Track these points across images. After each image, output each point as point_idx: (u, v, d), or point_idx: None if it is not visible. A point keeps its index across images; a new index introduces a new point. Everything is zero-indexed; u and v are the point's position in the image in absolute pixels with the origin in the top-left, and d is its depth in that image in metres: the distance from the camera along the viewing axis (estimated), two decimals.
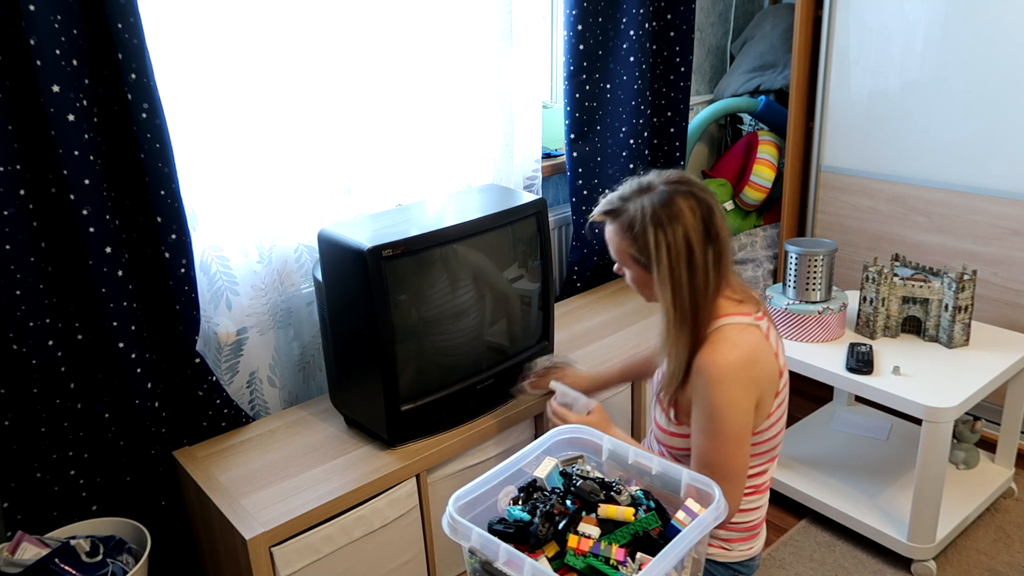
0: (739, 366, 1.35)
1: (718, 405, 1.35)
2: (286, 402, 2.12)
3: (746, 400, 1.36)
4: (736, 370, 1.35)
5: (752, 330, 1.39)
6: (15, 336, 1.62)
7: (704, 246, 1.36)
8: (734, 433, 1.36)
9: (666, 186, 1.39)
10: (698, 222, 1.36)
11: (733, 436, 1.36)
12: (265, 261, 1.96)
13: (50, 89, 1.51)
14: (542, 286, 2.04)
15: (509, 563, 1.30)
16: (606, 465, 1.58)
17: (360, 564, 1.74)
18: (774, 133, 2.97)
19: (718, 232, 1.37)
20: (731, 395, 1.35)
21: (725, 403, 1.35)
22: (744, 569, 1.58)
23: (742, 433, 1.37)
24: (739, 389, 1.35)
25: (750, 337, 1.38)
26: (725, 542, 1.56)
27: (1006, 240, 2.32)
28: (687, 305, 1.38)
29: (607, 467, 1.57)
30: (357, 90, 2.05)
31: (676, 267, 1.36)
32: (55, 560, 1.60)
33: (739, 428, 1.36)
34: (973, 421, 2.23)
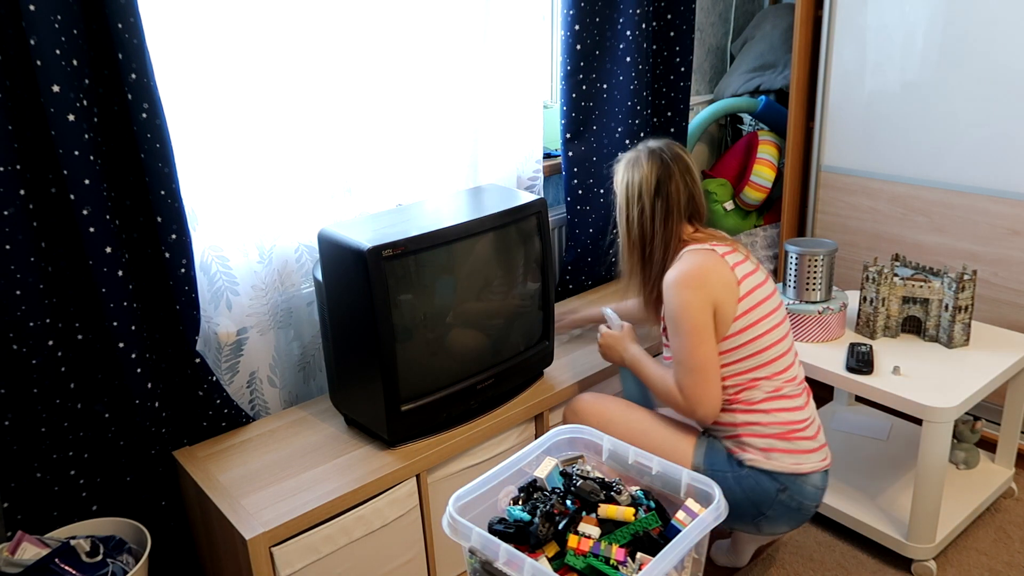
0: (690, 275, 1.67)
1: (675, 307, 1.68)
2: (286, 402, 2.12)
3: (698, 301, 1.66)
4: (687, 278, 1.67)
5: (706, 252, 1.71)
6: (15, 336, 1.62)
7: (652, 198, 1.75)
8: (692, 328, 1.66)
9: (645, 146, 1.80)
10: (653, 178, 1.75)
11: (691, 331, 1.67)
12: (265, 261, 1.96)
13: (50, 89, 1.51)
14: (542, 286, 2.04)
15: (509, 563, 1.30)
16: (606, 464, 1.58)
17: (360, 564, 1.74)
18: (774, 133, 2.97)
19: (668, 192, 1.74)
20: (684, 297, 1.67)
21: (681, 304, 1.67)
22: (793, 485, 1.70)
23: (699, 329, 1.66)
24: (690, 292, 1.66)
25: (701, 257, 1.70)
26: (759, 451, 1.70)
27: (1006, 240, 2.32)
28: (636, 238, 1.80)
29: (607, 466, 1.57)
30: (357, 90, 2.05)
31: (628, 207, 1.79)
32: (55, 560, 1.60)
33: (695, 324, 1.66)
34: (973, 421, 2.23)
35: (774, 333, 1.72)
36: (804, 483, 1.71)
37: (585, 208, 2.59)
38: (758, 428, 1.70)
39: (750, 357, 1.70)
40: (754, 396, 1.71)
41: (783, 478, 1.69)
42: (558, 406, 2.10)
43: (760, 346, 1.70)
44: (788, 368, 1.74)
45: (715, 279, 1.67)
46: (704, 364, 1.67)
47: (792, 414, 1.71)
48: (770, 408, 1.70)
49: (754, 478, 1.70)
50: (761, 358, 1.70)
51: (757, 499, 1.70)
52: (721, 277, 1.67)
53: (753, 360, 1.70)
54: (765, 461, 1.69)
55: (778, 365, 1.72)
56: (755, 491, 1.70)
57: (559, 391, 2.06)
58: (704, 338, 1.67)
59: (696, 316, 1.66)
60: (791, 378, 1.74)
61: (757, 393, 1.71)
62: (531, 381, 2.10)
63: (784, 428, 1.70)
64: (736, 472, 1.71)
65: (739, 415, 1.71)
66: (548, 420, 2.07)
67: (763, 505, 1.70)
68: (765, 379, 1.71)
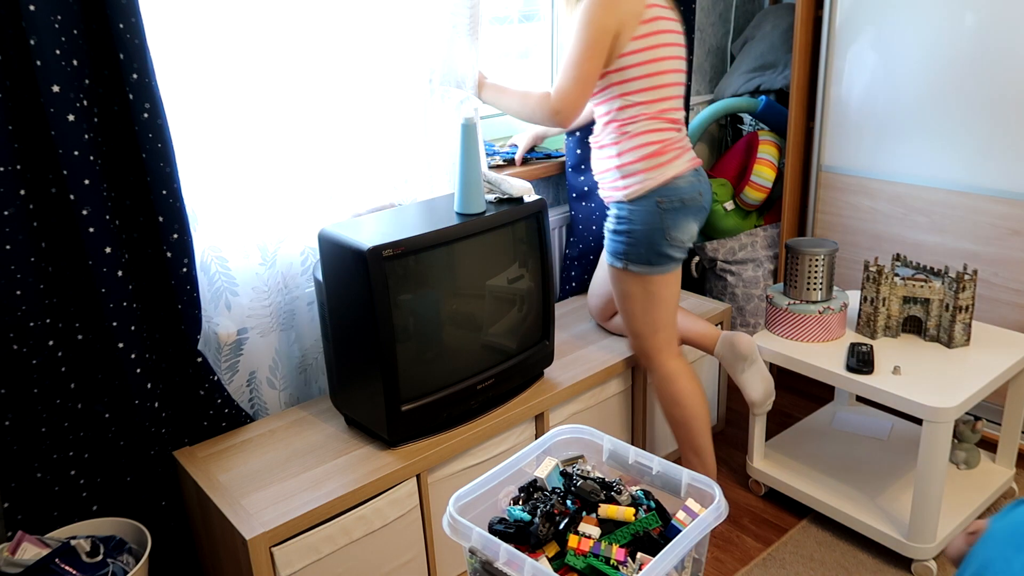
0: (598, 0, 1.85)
1: (582, 17, 1.85)
2: (286, 403, 2.12)
3: (605, 19, 1.84)
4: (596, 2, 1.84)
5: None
6: (15, 336, 1.62)
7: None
8: (591, 40, 1.85)
9: None
10: None
11: (589, 42, 1.85)
12: (268, 263, 1.96)
13: (50, 89, 1.51)
14: (542, 286, 2.04)
15: (509, 563, 1.30)
16: (606, 464, 1.58)
17: (360, 564, 1.74)
18: (774, 133, 2.96)
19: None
20: (594, 11, 1.84)
21: (589, 17, 1.85)
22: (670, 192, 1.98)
23: (595, 43, 1.85)
24: (601, 9, 1.84)
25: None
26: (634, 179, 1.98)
27: (1006, 240, 2.32)
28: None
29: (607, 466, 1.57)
30: (357, 90, 2.05)
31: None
32: (55, 560, 1.60)
33: (594, 38, 1.85)
34: (974, 421, 2.23)
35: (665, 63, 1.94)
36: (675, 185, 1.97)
37: (590, 205, 2.59)
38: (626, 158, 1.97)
39: (644, 78, 1.92)
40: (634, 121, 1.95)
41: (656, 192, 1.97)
42: (558, 406, 2.10)
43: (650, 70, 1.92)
44: (668, 99, 1.97)
45: (625, 5, 1.86)
46: (586, 74, 1.89)
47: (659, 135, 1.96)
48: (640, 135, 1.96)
49: (639, 207, 1.98)
50: (648, 82, 1.92)
51: (649, 219, 1.97)
52: (631, 5, 1.87)
53: (642, 82, 1.92)
54: (637, 187, 1.97)
55: (660, 93, 1.95)
56: (645, 214, 1.97)
57: (559, 391, 2.06)
58: (596, 52, 1.87)
59: (597, 32, 1.85)
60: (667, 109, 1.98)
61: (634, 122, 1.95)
62: (531, 381, 2.10)
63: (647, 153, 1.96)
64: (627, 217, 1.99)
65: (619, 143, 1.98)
66: (548, 420, 2.07)
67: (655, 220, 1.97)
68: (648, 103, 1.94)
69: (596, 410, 2.21)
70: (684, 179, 1.99)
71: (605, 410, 2.24)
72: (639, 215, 1.98)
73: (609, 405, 2.25)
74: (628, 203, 2.00)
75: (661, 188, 1.97)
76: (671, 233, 1.99)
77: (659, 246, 1.99)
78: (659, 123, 1.98)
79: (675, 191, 1.98)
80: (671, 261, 2.02)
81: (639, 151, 1.97)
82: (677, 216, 1.98)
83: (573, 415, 2.15)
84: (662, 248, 1.99)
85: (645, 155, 1.97)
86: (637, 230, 1.99)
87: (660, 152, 1.97)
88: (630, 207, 1.99)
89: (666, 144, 1.98)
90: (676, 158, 1.99)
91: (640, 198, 1.98)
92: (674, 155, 1.99)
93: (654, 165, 1.97)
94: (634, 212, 1.99)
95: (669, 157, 1.98)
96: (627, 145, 1.98)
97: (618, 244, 2.03)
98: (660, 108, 1.97)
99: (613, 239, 2.04)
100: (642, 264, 2.01)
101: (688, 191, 1.99)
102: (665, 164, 1.97)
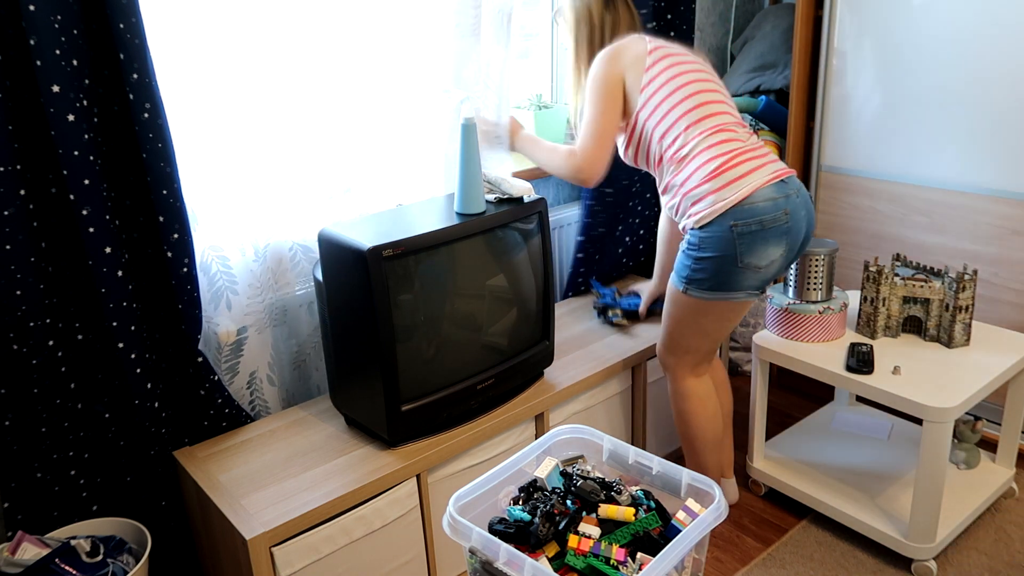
0: (607, 54, 1.92)
1: (591, 77, 1.92)
2: (286, 402, 2.12)
3: (609, 71, 1.90)
4: (604, 55, 1.92)
5: (631, 37, 1.96)
6: (15, 336, 1.62)
7: (602, 13, 2.01)
8: (600, 94, 1.90)
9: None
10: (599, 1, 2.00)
11: (600, 97, 1.90)
12: (260, 259, 1.96)
13: (50, 89, 1.51)
14: (542, 286, 2.04)
15: (509, 563, 1.30)
16: (606, 464, 1.58)
17: (360, 564, 1.74)
18: (774, 133, 2.96)
19: (616, 8, 2.01)
20: (598, 68, 1.91)
21: (595, 75, 1.92)
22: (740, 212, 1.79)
23: (606, 96, 1.90)
24: (604, 64, 1.91)
25: (624, 40, 1.95)
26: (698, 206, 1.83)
27: (1006, 240, 2.31)
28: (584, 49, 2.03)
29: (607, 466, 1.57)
30: (357, 90, 2.05)
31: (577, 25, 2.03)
32: (55, 560, 1.60)
33: (603, 91, 1.90)
34: (974, 421, 2.23)
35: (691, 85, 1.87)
36: (751, 204, 1.79)
37: (594, 207, 2.59)
38: (690, 183, 1.84)
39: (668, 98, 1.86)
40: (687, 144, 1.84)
41: (728, 214, 1.79)
42: (558, 406, 2.10)
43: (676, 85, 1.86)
44: (715, 114, 1.86)
45: (626, 53, 1.90)
46: (605, 129, 1.90)
47: (717, 149, 1.82)
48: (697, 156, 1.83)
49: (710, 232, 1.81)
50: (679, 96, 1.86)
51: (722, 246, 1.81)
52: (631, 51, 1.90)
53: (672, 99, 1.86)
54: (707, 211, 1.81)
55: (702, 108, 1.86)
56: (717, 240, 1.81)
57: (559, 391, 2.06)
58: (609, 106, 1.89)
59: (604, 86, 1.89)
60: (720, 124, 1.86)
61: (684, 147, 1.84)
62: (531, 381, 2.10)
63: (711, 170, 1.81)
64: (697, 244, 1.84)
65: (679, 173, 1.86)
66: (548, 420, 2.07)
67: (728, 247, 1.80)
68: (692, 124, 1.84)
69: (596, 410, 2.21)
70: (763, 195, 1.79)
71: (605, 410, 2.24)
72: (710, 242, 1.81)
73: (609, 405, 2.25)
74: (699, 229, 1.83)
75: (735, 210, 1.78)
76: (744, 259, 1.80)
77: (728, 275, 1.82)
78: (718, 135, 1.84)
79: (752, 212, 1.78)
80: (738, 291, 1.85)
81: (702, 171, 1.82)
82: (754, 240, 1.79)
83: (573, 415, 2.15)
84: (731, 276, 1.83)
85: (709, 174, 1.80)
86: (707, 257, 1.82)
87: (727, 167, 1.80)
88: (701, 234, 1.82)
89: (733, 155, 1.81)
90: (752, 171, 1.80)
91: (711, 223, 1.80)
92: (749, 168, 1.81)
93: (723, 184, 1.79)
94: (705, 240, 1.82)
95: (741, 172, 1.80)
96: (688, 170, 1.84)
97: (684, 268, 1.88)
98: (712, 124, 1.84)
99: (682, 261, 1.89)
100: (704, 290, 1.86)
101: (769, 211, 1.79)
102: (737, 180, 1.79)
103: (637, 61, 1.88)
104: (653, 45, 1.91)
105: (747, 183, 1.79)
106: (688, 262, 1.87)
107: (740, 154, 1.82)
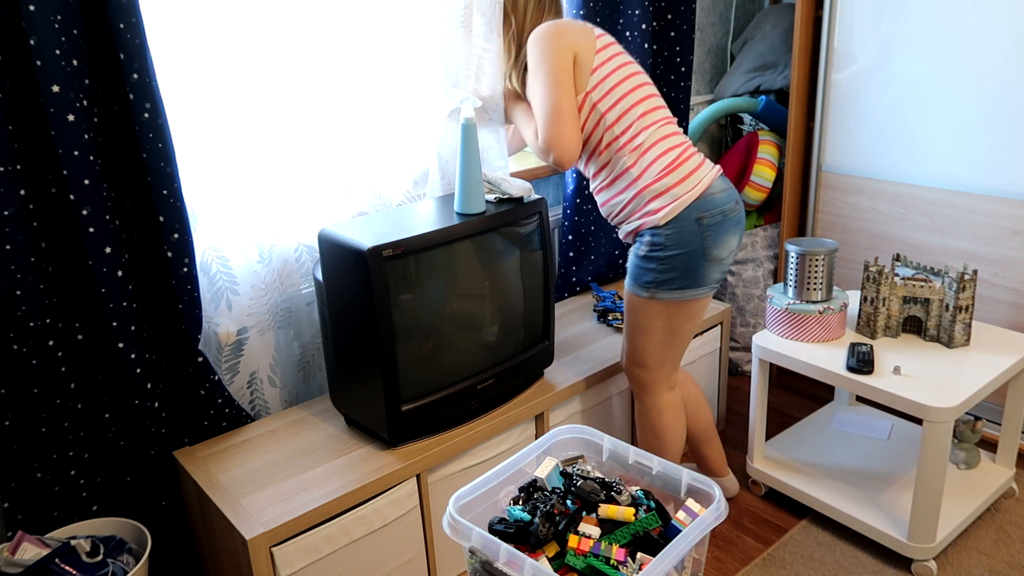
0: (550, 29, 1.79)
1: (535, 54, 1.79)
2: (286, 402, 2.12)
3: (556, 45, 1.76)
4: (547, 28, 1.79)
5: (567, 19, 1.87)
6: (15, 336, 1.62)
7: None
8: (549, 70, 1.77)
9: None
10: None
11: (548, 73, 1.77)
12: (265, 261, 1.96)
13: (50, 89, 1.51)
14: (542, 286, 2.04)
15: (509, 563, 1.30)
16: (606, 464, 1.58)
17: (360, 564, 1.74)
18: (774, 133, 2.96)
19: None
20: (543, 44, 1.77)
21: (540, 51, 1.78)
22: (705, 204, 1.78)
23: (556, 71, 1.76)
24: (549, 39, 1.77)
25: (563, 20, 1.85)
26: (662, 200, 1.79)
27: (1006, 240, 2.32)
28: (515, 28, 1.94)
29: (607, 467, 1.57)
30: (357, 90, 2.05)
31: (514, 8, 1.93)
32: (55, 560, 1.60)
33: (552, 67, 1.77)
34: (974, 421, 2.23)
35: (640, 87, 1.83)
36: (712, 196, 1.79)
37: (589, 207, 2.59)
38: (647, 177, 1.79)
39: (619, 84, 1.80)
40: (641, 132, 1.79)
41: (693, 207, 1.78)
42: (558, 406, 2.10)
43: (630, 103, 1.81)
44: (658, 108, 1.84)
45: (574, 28, 1.80)
46: (559, 106, 1.77)
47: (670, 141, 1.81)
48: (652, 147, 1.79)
49: (676, 228, 1.78)
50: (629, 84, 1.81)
51: (690, 240, 1.78)
52: (580, 29, 1.81)
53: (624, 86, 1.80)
54: (670, 206, 1.78)
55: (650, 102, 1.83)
56: (685, 235, 1.78)
57: (559, 391, 2.06)
58: (560, 81, 1.77)
59: (552, 59, 1.77)
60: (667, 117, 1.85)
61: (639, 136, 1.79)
62: (531, 381, 2.10)
63: (667, 163, 1.79)
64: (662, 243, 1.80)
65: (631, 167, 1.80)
66: (548, 420, 2.07)
67: (696, 240, 1.78)
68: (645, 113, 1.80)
69: (596, 410, 2.21)
70: (718, 187, 1.81)
71: (605, 410, 2.24)
72: (676, 238, 1.78)
73: (609, 405, 2.25)
74: (663, 227, 1.79)
75: (698, 202, 1.78)
76: (712, 251, 1.80)
77: (697, 269, 1.81)
78: (667, 128, 1.83)
79: (714, 203, 1.79)
80: (705, 285, 1.84)
81: (658, 163, 1.79)
82: (719, 231, 1.80)
83: (573, 415, 2.15)
84: (700, 270, 1.81)
85: (666, 167, 1.79)
86: (674, 255, 1.79)
87: (681, 160, 1.80)
88: (666, 231, 1.78)
89: (685, 149, 1.82)
90: (701, 165, 1.82)
91: (676, 218, 1.78)
92: (698, 162, 1.82)
93: (682, 177, 1.79)
94: (671, 236, 1.78)
95: (694, 165, 1.81)
96: (645, 161, 1.80)
97: (647, 272, 1.83)
98: (660, 118, 1.83)
99: (642, 266, 1.84)
100: (674, 290, 1.83)
101: (726, 201, 1.81)
102: (693, 173, 1.80)
103: (586, 38, 1.80)
104: (598, 31, 1.85)
105: (702, 175, 1.81)
106: (651, 265, 1.82)
107: (688, 148, 1.84)
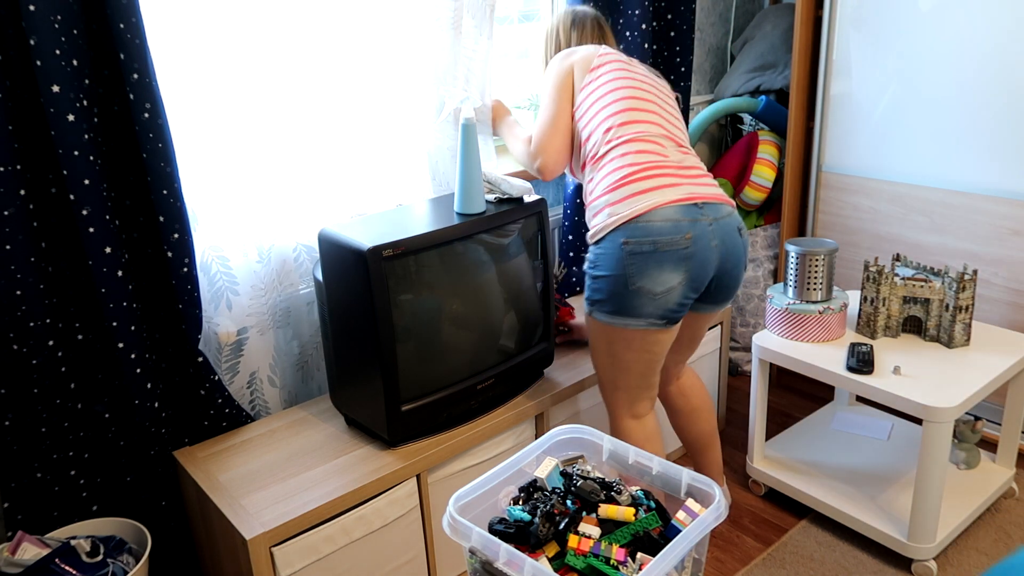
0: (562, 53, 1.95)
1: (547, 74, 1.94)
2: (286, 402, 2.12)
3: (561, 66, 1.91)
4: (559, 55, 1.95)
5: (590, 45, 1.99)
6: (15, 336, 1.62)
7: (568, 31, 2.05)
8: (551, 86, 1.90)
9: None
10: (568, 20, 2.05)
11: (551, 88, 1.90)
12: (264, 261, 1.96)
13: (50, 89, 1.51)
14: (542, 286, 2.04)
15: (509, 563, 1.30)
16: (606, 464, 1.58)
17: (360, 564, 1.74)
18: (774, 133, 2.96)
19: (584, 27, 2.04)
20: (552, 66, 1.93)
21: (549, 71, 1.93)
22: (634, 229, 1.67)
23: (556, 93, 1.89)
24: (557, 61, 1.93)
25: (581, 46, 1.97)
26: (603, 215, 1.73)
27: (1006, 240, 2.32)
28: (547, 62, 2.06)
29: (607, 467, 1.57)
30: (357, 90, 2.05)
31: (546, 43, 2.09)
32: (55, 560, 1.60)
33: (554, 84, 1.90)
34: (974, 421, 2.23)
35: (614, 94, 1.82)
36: (647, 223, 1.65)
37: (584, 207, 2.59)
38: (595, 192, 1.77)
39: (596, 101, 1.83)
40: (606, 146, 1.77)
41: (620, 230, 1.67)
42: (558, 406, 2.10)
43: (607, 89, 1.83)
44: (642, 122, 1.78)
45: (580, 51, 1.92)
46: (554, 119, 1.88)
47: (628, 159, 1.73)
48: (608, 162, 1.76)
49: (603, 249, 1.72)
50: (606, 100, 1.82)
51: (612, 264, 1.69)
52: (583, 52, 1.91)
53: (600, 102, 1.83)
54: (601, 224, 1.72)
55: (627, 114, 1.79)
56: (608, 258, 1.70)
57: (559, 391, 2.06)
58: (557, 98, 1.89)
59: (555, 78, 1.91)
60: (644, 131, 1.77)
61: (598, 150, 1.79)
62: (531, 381, 2.10)
63: (613, 180, 1.73)
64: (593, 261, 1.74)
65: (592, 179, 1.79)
66: (548, 420, 2.07)
67: (618, 266, 1.68)
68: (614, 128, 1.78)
69: (596, 410, 2.21)
70: (663, 215, 1.65)
71: (605, 410, 2.24)
72: (603, 259, 1.70)
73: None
74: (594, 245, 1.74)
75: (628, 226, 1.66)
76: (635, 281, 1.66)
77: (622, 297, 1.69)
78: (634, 145, 1.73)
79: (646, 230, 1.65)
80: (637, 318, 1.70)
81: (606, 180, 1.73)
82: (647, 262, 1.65)
83: (573, 415, 2.15)
84: (627, 299, 1.69)
85: (611, 184, 1.72)
86: (601, 276, 1.72)
87: (630, 179, 1.69)
88: (596, 250, 1.73)
89: (642, 168, 1.70)
90: (659, 188, 1.67)
91: (603, 239, 1.71)
92: (655, 185, 1.68)
93: (621, 198, 1.69)
94: (599, 256, 1.71)
95: (644, 187, 1.68)
96: (598, 176, 1.76)
97: (587, 287, 1.78)
98: (633, 132, 1.75)
99: (586, 280, 1.79)
100: (604, 314, 1.74)
101: (667, 232, 1.64)
102: (636, 195, 1.67)
103: (585, 61, 1.90)
104: (606, 52, 1.91)
105: (646, 200, 1.66)
106: (587, 281, 1.78)
107: (651, 168, 1.70)
